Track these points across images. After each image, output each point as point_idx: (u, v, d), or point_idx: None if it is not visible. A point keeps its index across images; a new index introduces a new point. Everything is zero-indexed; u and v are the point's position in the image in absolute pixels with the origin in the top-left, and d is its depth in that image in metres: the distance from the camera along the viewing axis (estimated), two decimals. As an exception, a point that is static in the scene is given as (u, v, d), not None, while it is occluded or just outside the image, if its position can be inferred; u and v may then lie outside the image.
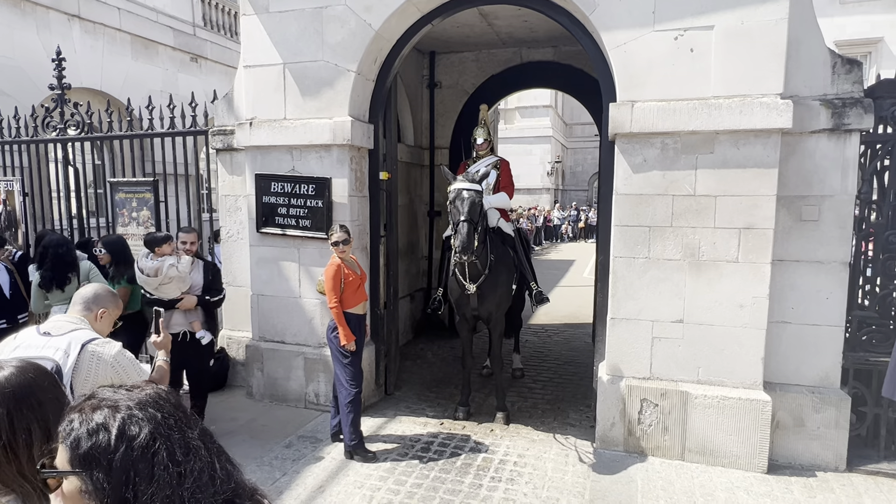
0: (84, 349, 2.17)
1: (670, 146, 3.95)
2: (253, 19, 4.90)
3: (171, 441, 0.60)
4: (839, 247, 3.93)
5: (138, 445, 0.59)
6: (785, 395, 4.03)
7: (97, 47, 9.46)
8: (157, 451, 0.58)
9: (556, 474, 3.95)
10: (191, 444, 0.61)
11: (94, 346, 2.20)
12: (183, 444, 0.60)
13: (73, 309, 2.36)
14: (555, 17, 4.43)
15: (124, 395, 0.64)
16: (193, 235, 4.46)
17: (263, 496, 0.68)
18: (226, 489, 0.62)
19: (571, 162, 32.66)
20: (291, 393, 5.14)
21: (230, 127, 5.35)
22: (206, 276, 4.47)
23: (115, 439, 0.59)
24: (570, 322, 8.65)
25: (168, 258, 4.21)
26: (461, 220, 4.21)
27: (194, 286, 4.34)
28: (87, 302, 2.38)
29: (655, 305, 4.09)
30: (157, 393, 0.65)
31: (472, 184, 4.41)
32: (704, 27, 3.82)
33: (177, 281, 4.19)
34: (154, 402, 0.63)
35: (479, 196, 4.38)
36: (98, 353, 2.19)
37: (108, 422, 0.60)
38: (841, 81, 3.84)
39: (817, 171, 3.91)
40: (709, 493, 3.70)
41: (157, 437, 0.60)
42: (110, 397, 0.64)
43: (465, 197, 4.30)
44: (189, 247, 4.40)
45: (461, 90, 7.65)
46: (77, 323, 2.29)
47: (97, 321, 2.37)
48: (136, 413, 0.61)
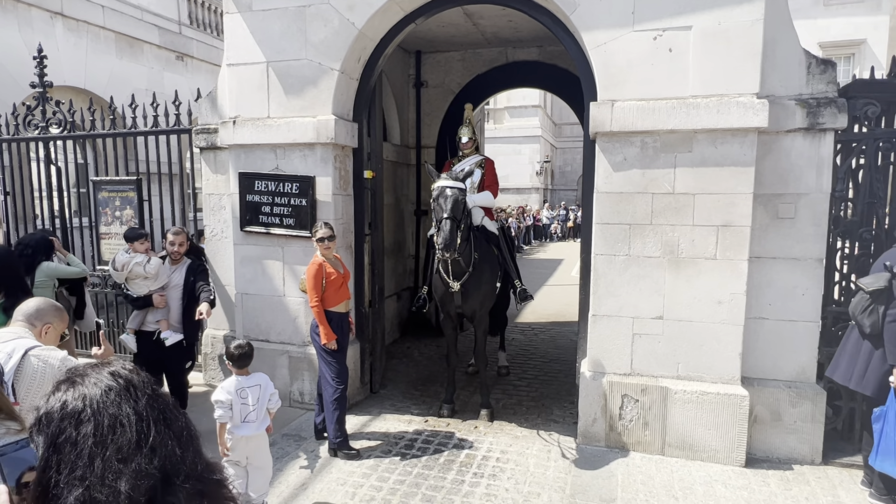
0: (27, 354, 2.16)
1: (650, 145, 4.00)
2: (236, 17, 4.89)
3: (100, 413, 0.62)
4: (814, 244, 4.00)
5: (68, 413, 0.62)
6: (762, 390, 4.10)
7: (81, 45, 9.38)
8: (81, 421, 0.61)
9: (538, 470, 3.98)
10: (121, 417, 0.63)
11: (38, 351, 2.20)
12: (113, 416, 0.63)
13: (16, 323, 2.33)
14: (537, 16, 4.47)
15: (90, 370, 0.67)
16: (182, 236, 4.38)
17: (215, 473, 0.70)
18: (159, 464, 0.64)
19: (560, 161, 32.80)
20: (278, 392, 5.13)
21: (214, 125, 5.33)
22: (189, 276, 4.39)
23: (58, 408, 0.62)
24: (557, 320, 8.71)
25: (138, 255, 4.21)
26: (444, 217, 4.24)
27: (172, 286, 4.30)
28: (29, 317, 2.34)
29: (636, 302, 4.14)
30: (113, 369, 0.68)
31: (456, 182, 4.44)
32: (682, 27, 3.87)
33: (143, 279, 4.17)
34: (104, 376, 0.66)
35: (462, 194, 4.41)
36: (44, 358, 2.18)
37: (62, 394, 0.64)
38: (816, 81, 3.91)
39: (793, 170, 3.98)
40: (687, 486, 3.75)
41: (87, 408, 0.62)
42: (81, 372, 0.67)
43: (449, 195, 4.33)
44: (177, 248, 4.32)
45: (447, 89, 7.68)
46: (21, 334, 2.27)
47: (42, 336, 2.34)
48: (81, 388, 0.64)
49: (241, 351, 3.30)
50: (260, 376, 3.37)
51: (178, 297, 4.34)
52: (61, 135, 6.22)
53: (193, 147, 5.63)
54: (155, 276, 4.19)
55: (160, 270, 4.24)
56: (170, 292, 4.31)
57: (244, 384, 3.27)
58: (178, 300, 4.34)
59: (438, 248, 4.23)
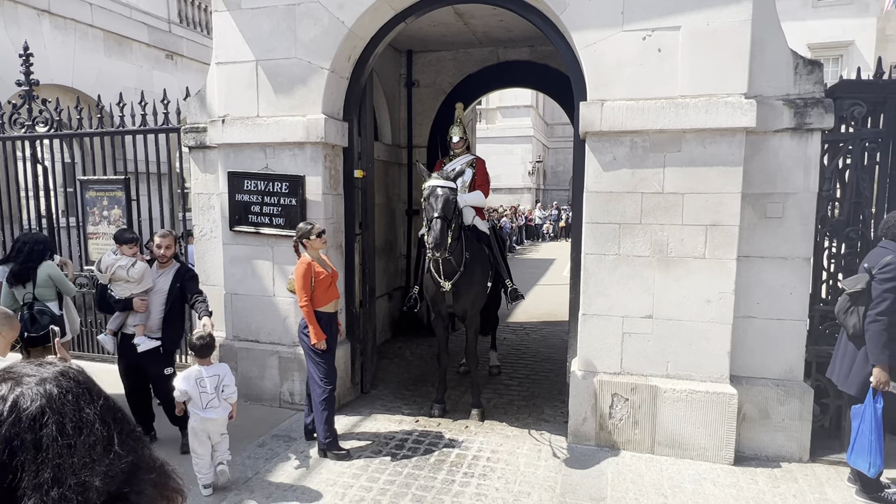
0: None
1: (639, 144, 4.02)
2: (225, 16, 4.86)
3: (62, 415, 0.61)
4: (802, 243, 4.04)
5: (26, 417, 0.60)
6: (751, 389, 4.12)
7: (68, 43, 9.28)
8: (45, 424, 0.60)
9: (528, 469, 3.99)
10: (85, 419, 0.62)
11: None
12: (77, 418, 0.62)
13: None
14: (527, 16, 4.47)
15: (33, 369, 0.66)
16: (169, 239, 4.20)
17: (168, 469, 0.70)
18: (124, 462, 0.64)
19: (553, 162, 32.89)
20: (266, 392, 5.11)
21: (202, 124, 5.29)
22: (175, 282, 4.18)
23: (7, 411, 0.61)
24: (549, 320, 8.73)
25: (123, 259, 4.13)
26: (434, 216, 4.23)
27: (156, 290, 4.20)
28: None
29: (625, 301, 4.16)
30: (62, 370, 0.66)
31: (447, 181, 4.43)
32: (671, 28, 3.89)
33: (125, 283, 4.11)
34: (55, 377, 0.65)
35: (453, 193, 4.41)
36: None
37: (6, 394, 0.62)
38: (803, 82, 3.94)
39: (781, 170, 4.01)
40: (677, 485, 3.77)
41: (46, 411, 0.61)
42: (19, 371, 0.66)
43: (440, 194, 4.32)
44: (164, 251, 4.16)
45: (439, 89, 7.67)
46: None
47: None
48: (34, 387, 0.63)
49: (203, 342, 3.62)
50: (220, 367, 3.70)
51: (161, 302, 4.16)
52: (48, 133, 6.15)
53: (182, 146, 5.58)
54: (139, 281, 4.12)
55: (145, 275, 4.16)
56: (153, 297, 4.16)
57: (203, 374, 3.59)
58: (159, 305, 4.16)
59: (429, 247, 4.22)
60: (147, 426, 4.33)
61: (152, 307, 4.15)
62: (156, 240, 4.22)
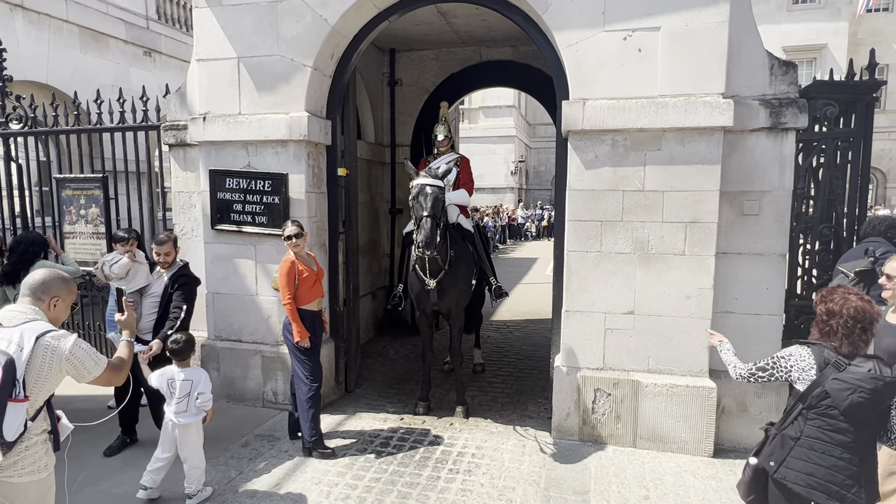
0: (38, 342, 2.11)
1: (620, 143, 4.08)
2: (206, 12, 4.81)
3: None
4: (778, 240, 4.14)
5: None
6: (730, 382, 4.21)
7: (42, 39, 9.08)
8: None
9: (512, 464, 4.02)
10: None
11: (48, 339, 2.14)
12: None
13: (23, 299, 2.26)
14: (510, 16, 4.50)
15: None
16: (167, 246, 4.06)
17: None
18: None
19: (535, 161, 33.10)
20: (249, 392, 5.07)
21: (183, 122, 5.23)
22: (171, 283, 4.02)
23: None
24: (532, 318, 8.79)
25: (108, 256, 4.12)
26: (424, 215, 4.24)
27: (150, 293, 4.12)
28: (35, 291, 2.26)
29: (608, 297, 4.22)
30: None
31: (435, 179, 4.44)
32: (651, 28, 3.95)
33: (116, 280, 4.05)
34: None
35: (441, 192, 4.43)
36: (53, 347, 2.14)
37: None
38: (778, 82, 4.04)
39: (757, 168, 4.11)
40: (658, 477, 3.84)
41: None
42: None
43: (429, 192, 4.33)
44: (164, 258, 4.04)
45: (422, 88, 7.68)
46: (29, 314, 2.20)
47: (51, 310, 2.28)
48: None
49: (177, 346, 3.53)
50: (196, 372, 3.56)
51: (153, 305, 4.07)
52: (22, 131, 6.02)
53: (162, 144, 5.50)
54: (122, 278, 4.06)
55: (137, 272, 4.12)
56: (147, 300, 4.11)
57: (176, 377, 3.50)
58: (151, 308, 4.07)
59: (419, 245, 4.23)
60: (130, 428, 4.28)
61: (144, 309, 4.08)
62: (154, 248, 4.10)
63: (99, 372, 2.28)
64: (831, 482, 2.26)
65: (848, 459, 2.25)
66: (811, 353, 2.36)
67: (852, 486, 2.24)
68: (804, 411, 2.31)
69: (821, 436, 2.28)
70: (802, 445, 2.32)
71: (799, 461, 2.32)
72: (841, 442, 2.25)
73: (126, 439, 4.25)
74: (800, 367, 2.36)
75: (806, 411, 2.31)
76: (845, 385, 2.21)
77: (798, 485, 2.31)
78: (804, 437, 2.32)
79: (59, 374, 2.18)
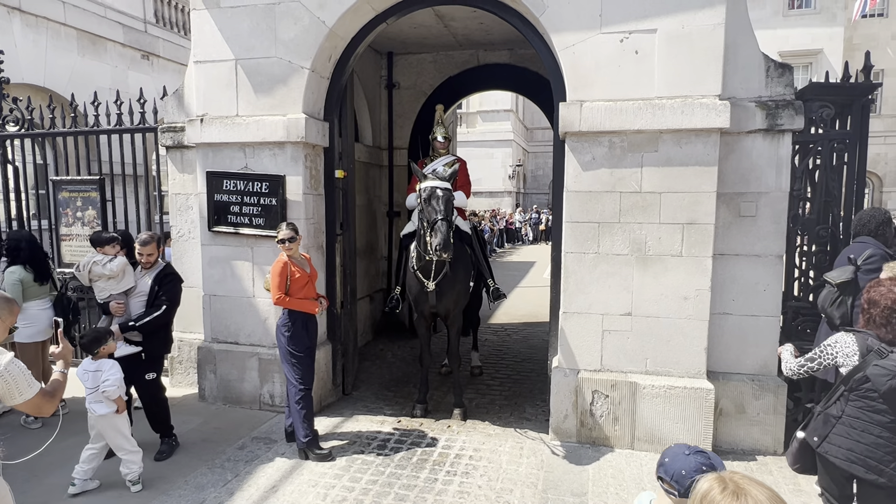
0: None
1: (617, 145, 4.09)
2: (203, 14, 4.81)
3: None
4: (775, 241, 4.14)
5: None
6: (727, 384, 4.21)
7: (40, 42, 9.08)
8: None
9: (510, 466, 4.00)
10: None
11: None
12: None
13: None
14: (507, 18, 4.52)
15: None
16: (150, 247, 4.09)
17: None
18: None
19: (532, 165, 33.15)
20: (245, 395, 5.04)
21: (180, 124, 5.23)
22: (155, 284, 4.07)
23: None
24: (529, 321, 8.78)
25: (97, 255, 4.08)
26: (439, 218, 4.23)
27: (137, 292, 4.12)
28: None
29: (605, 299, 4.21)
30: None
31: (444, 182, 4.44)
32: (648, 30, 3.97)
33: (105, 280, 4.03)
34: None
35: (451, 194, 4.44)
36: None
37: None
38: (774, 84, 4.06)
39: (754, 169, 4.12)
40: (656, 478, 3.82)
41: None
42: None
43: (440, 195, 4.33)
44: (146, 258, 4.08)
45: (419, 91, 7.69)
46: None
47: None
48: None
49: (87, 339, 3.63)
50: (104, 363, 3.60)
51: (141, 305, 4.07)
52: (19, 133, 6.00)
53: (159, 146, 5.50)
54: (119, 276, 4.05)
55: (126, 271, 4.10)
56: (134, 299, 4.09)
57: (88, 368, 3.57)
58: (139, 308, 4.07)
59: (436, 249, 4.19)
60: None
61: (133, 310, 4.06)
62: (137, 247, 4.09)
63: (30, 395, 2.23)
64: (870, 457, 2.45)
65: (888, 438, 2.43)
66: (855, 340, 2.53)
67: (891, 462, 2.42)
68: (846, 393, 2.52)
69: (861, 416, 2.48)
70: (844, 423, 2.53)
71: (840, 437, 2.54)
72: (880, 422, 2.44)
73: None
74: (844, 353, 2.55)
75: (847, 393, 2.51)
76: (885, 371, 2.39)
77: (839, 458, 2.53)
78: (845, 416, 2.53)
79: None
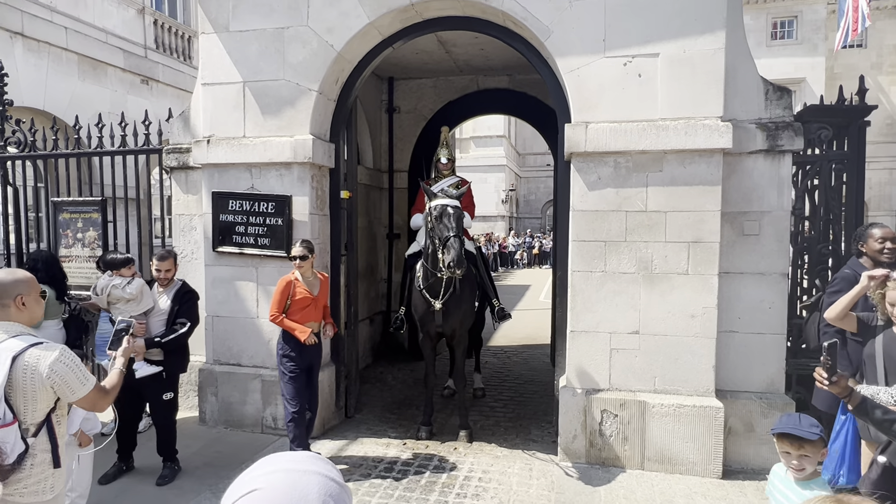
0: (15, 363, 1.99)
1: (622, 165, 4.16)
2: (212, 38, 4.89)
3: None
4: (778, 259, 4.20)
5: None
6: (735, 402, 4.21)
7: (41, 66, 9.13)
8: None
9: (521, 488, 3.95)
10: None
11: (28, 357, 2.02)
12: None
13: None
14: (512, 43, 4.63)
15: None
16: (168, 262, 4.12)
17: None
18: None
19: (525, 190, 33.47)
20: (248, 417, 4.95)
21: (186, 145, 5.25)
22: (175, 303, 4.08)
23: None
24: (529, 343, 8.75)
25: (116, 278, 4.03)
26: (451, 235, 4.26)
27: (159, 311, 4.10)
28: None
29: (612, 317, 4.23)
30: None
31: (454, 200, 4.49)
32: (650, 55, 4.08)
33: (125, 303, 3.99)
34: None
35: (462, 212, 4.48)
36: (32, 367, 2.02)
37: None
38: (773, 106, 4.17)
39: (756, 189, 4.20)
40: (669, 500, 3.78)
41: None
42: None
43: (452, 213, 4.36)
44: (164, 274, 4.09)
45: (419, 115, 7.80)
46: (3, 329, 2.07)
47: (21, 311, 2.14)
48: None
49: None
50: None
51: (162, 324, 4.06)
52: (21, 154, 5.99)
53: (164, 167, 5.50)
54: (138, 298, 4.01)
55: (143, 292, 4.05)
56: (154, 319, 4.06)
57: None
58: (160, 327, 4.05)
59: (448, 265, 4.19)
60: (127, 454, 4.15)
61: (153, 329, 4.02)
62: (154, 263, 4.08)
63: (84, 392, 2.15)
64: None
65: None
66: None
67: None
68: None
69: None
70: None
71: None
72: None
73: (122, 466, 4.12)
74: None
75: None
76: None
77: None
78: None
79: (45, 393, 2.06)
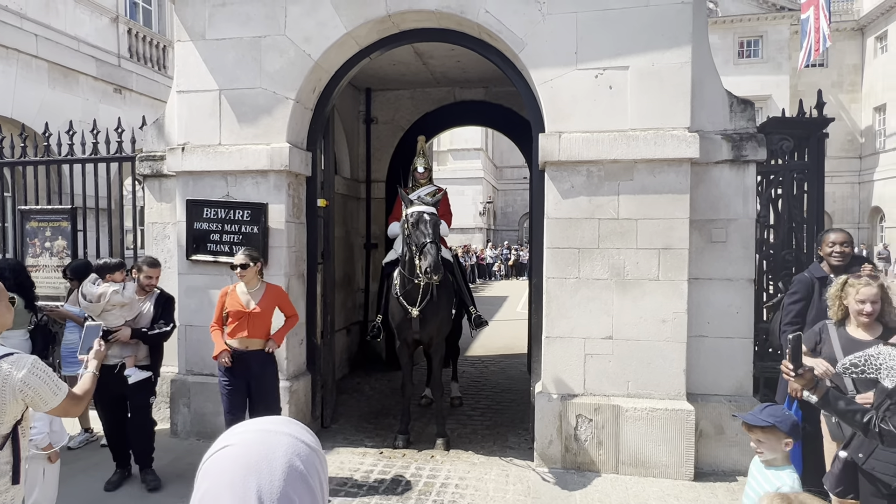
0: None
1: (595, 173, 4.26)
2: (188, 45, 4.87)
3: None
4: (745, 265, 4.34)
5: None
6: (706, 405, 4.31)
7: (9, 73, 8.95)
8: None
9: (497, 494, 3.96)
10: None
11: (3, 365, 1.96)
12: None
13: None
14: (487, 55, 4.73)
15: None
16: (159, 269, 4.21)
17: None
18: None
19: (502, 203, 33.76)
20: (221, 428, 4.84)
21: (160, 153, 5.20)
22: (157, 308, 4.15)
23: None
24: (506, 353, 8.79)
25: (112, 284, 3.99)
26: (428, 241, 4.29)
27: (143, 317, 4.07)
28: None
29: (586, 323, 4.30)
30: None
31: (431, 207, 4.52)
32: (621, 67, 4.21)
33: (120, 308, 3.95)
34: None
35: (438, 219, 4.51)
36: (5, 376, 1.96)
37: None
38: (738, 118, 4.33)
39: (723, 198, 4.34)
40: (642, 502, 3.84)
41: None
42: None
43: (428, 220, 4.40)
44: (154, 281, 4.16)
45: (397, 126, 7.86)
46: None
47: None
48: None
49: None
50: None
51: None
52: (-13, 161, 5.85)
53: (137, 174, 5.43)
54: (132, 304, 4.00)
55: (134, 297, 4.05)
56: (139, 324, 4.07)
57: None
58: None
59: (425, 271, 4.22)
60: (125, 461, 4.13)
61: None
62: (144, 269, 4.09)
63: (57, 402, 2.11)
64: None
65: None
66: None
67: None
68: (892, 406, 2.43)
69: None
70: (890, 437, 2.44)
71: (886, 452, 2.43)
72: None
73: (125, 472, 4.11)
74: (888, 366, 2.53)
75: (893, 406, 2.42)
76: None
77: (886, 474, 2.44)
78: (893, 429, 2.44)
79: (15, 405, 2.01)
